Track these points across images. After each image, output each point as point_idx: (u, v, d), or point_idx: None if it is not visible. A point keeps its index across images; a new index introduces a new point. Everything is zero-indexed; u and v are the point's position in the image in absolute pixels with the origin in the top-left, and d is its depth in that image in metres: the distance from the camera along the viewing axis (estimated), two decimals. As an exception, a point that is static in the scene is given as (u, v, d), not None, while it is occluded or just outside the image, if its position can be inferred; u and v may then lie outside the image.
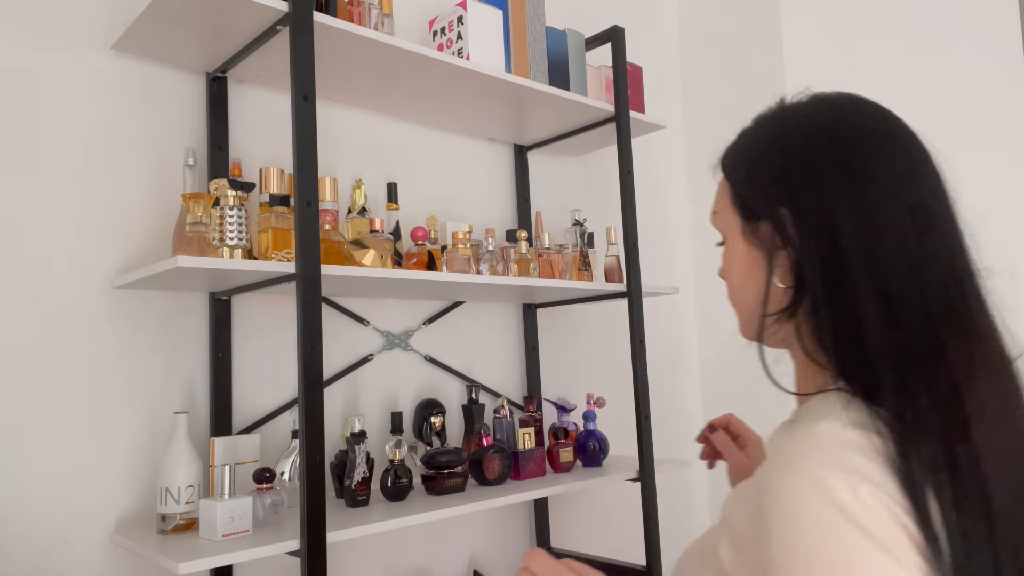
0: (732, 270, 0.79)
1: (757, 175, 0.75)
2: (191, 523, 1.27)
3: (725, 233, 0.81)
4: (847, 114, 0.72)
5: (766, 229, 0.72)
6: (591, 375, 2.21)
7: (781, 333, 0.74)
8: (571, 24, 2.13)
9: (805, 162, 0.70)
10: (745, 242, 0.76)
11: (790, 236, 0.69)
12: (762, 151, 0.76)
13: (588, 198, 2.29)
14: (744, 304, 0.79)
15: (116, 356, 1.38)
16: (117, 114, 1.42)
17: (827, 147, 0.69)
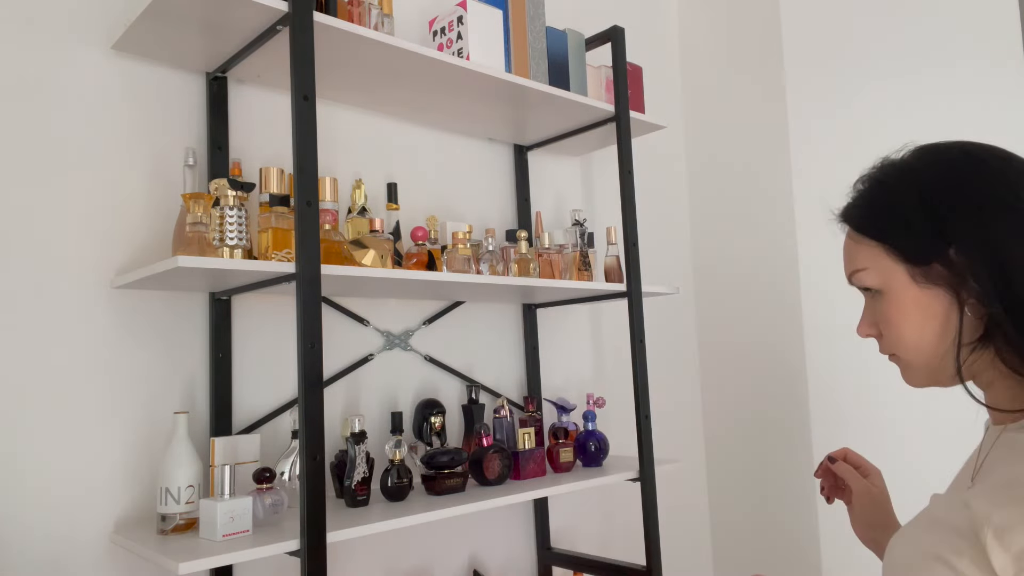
0: (904, 319, 0.81)
1: (913, 223, 0.80)
2: (191, 523, 1.27)
3: (884, 286, 0.82)
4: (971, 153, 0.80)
5: (939, 270, 0.78)
6: (591, 375, 2.21)
7: (977, 364, 0.79)
8: (571, 24, 2.13)
9: (955, 201, 0.78)
10: (918, 288, 0.80)
11: (966, 270, 0.76)
12: (906, 199, 0.81)
13: (588, 198, 2.29)
14: (924, 348, 0.80)
15: (116, 356, 1.38)
16: (117, 114, 1.42)
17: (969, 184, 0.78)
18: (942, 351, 0.79)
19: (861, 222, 0.85)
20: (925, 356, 0.80)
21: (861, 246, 0.84)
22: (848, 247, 0.86)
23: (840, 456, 1.09)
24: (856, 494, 1.03)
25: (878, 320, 0.83)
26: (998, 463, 0.76)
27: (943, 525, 0.69)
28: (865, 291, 0.85)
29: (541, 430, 1.82)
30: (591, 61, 1.95)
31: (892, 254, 0.81)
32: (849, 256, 0.86)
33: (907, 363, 0.82)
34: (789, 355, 2.27)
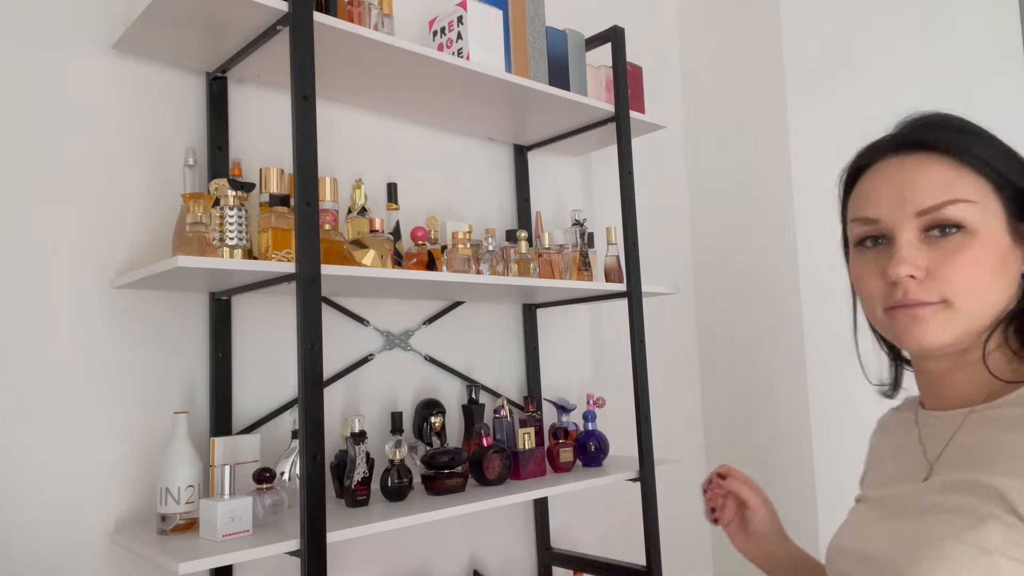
0: (984, 267, 0.74)
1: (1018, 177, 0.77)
2: (191, 523, 1.27)
3: (979, 226, 0.74)
4: None
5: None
6: (591, 375, 2.21)
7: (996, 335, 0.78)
8: (571, 24, 2.13)
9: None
10: (1009, 240, 0.76)
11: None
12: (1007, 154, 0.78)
13: (588, 198, 2.29)
14: (984, 304, 0.75)
15: (116, 356, 1.38)
16: (117, 114, 1.42)
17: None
18: (993, 312, 0.75)
19: (974, 149, 0.76)
20: (979, 312, 0.74)
21: (963, 176, 0.75)
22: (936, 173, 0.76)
23: (726, 472, 1.06)
24: (755, 506, 1.02)
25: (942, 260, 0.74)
26: (990, 441, 0.73)
27: (978, 519, 0.68)
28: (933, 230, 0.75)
29: (541, 430, 1.82)
30: (591, 61, 1.95)
31: (999, 196, 0.75)
32: (940, 184, 0.75)
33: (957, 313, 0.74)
34: (789, 355, 2.27)
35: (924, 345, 0.75)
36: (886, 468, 0.87)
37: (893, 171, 0.79)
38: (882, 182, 0.79)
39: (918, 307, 0.75)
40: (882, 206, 0.78)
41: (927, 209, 0.75)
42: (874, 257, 0.79)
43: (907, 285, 0.75)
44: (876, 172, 0.81)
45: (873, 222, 0.79)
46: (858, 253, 0.82)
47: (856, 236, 0.82)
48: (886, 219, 0.77)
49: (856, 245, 0.83)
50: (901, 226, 0.76)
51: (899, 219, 0.76)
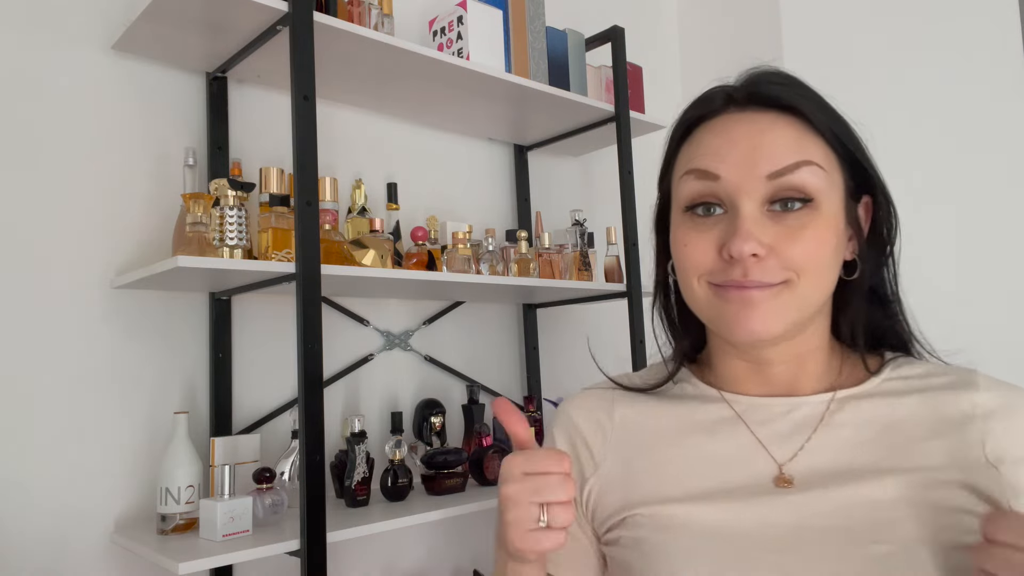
0: (822, 246, 0.67)
1: (859, 146, 0.72)
2: (191, 523, 1.27)
3: (821, 197, 0.67)
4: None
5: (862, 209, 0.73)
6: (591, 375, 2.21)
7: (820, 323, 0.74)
8: (571, 24, 2.13)
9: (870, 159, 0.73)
10: (844, 216, 0.69)
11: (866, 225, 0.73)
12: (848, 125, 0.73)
13: (588, 198, 2.29)
14: (820, 288, 0.68)
15: (116, 356, 1.38)
16: (117, 114, 1.42)
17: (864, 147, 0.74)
18: (822, 299, 0.69)
19: (824, 114, 0.70)
20: (815, 296, 0.68)
21: (814, 140, 0.68)
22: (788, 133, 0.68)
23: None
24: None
25: (786, 238, 0.66)
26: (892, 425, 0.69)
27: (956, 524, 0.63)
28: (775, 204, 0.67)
29: (541, 430, 1.82)
30: (591, 61, 1.95)
31: (842, 168, 0.70)
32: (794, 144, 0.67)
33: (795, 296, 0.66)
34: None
35: (757, 334, 0.66)
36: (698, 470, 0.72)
37: (741, 128, 0.69)
38: (726, 138, 0.69)
39: (754, 289, 0.66)
40: (726, 164, 0.68)
41: (779, 171, 0.66)
42: (707, 227, 0.69)
43: (748, 264, 0.66)
44: (719, 126, 0.71)
45: (713, 177, 0.68)
46: (687, 219, 0.71)
47: (688, 196, 0.71)
48: (730, 179, 0.67)
49: (685, 210, 0.72)
50: (746, 192, 0.66)
51: (745, 182, 0.67)
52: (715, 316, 0.70)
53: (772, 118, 0.69)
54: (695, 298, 0.71)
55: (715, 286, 0.69)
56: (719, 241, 0.68)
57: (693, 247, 0.70)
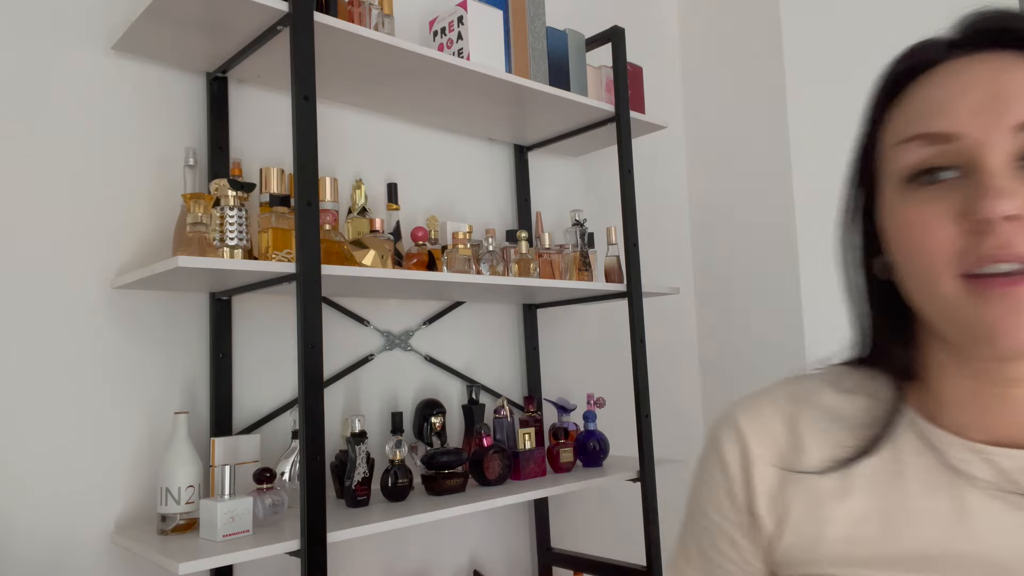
0: None
1: None
2: (191, 523, 1.27)
3: None
4: None
5: None
6: (591, 375, 2.21)
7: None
8: (571, 24, 2.13)
9: None
10: None
11: None
12: None
13: (588, 198, 2.29)
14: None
15: (116, 356, 1.38)
16: (117, 114, 1.42)
17: None
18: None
19: None
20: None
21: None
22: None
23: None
24: None
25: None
26: None
27: None
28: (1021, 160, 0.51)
29: (541, 430, 1.82)
30: (591, 61, 1.95)
31: None
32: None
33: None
34: (789, 355, 2.27)
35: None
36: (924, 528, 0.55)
37: (974, 72, 0.55)
38: (958, 86, 0.54)
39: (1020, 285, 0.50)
40: (962, 117, 0.53)
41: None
42: (938, 196, 0.53)
43: (1003, 231, 0.50)
44: (946, 74, 0.56)
45: (947, 140, 0.53)
46: (909, 193, 0.55)
47: (911, 165, 0.55)
48: (969, 134, 0.52)
49: (907, 181, 0.55)
50: (992, 144, 0.51)
51: (990, 134, 0.51)
52: (969, 322, 0.52)
53: (1011, 58, 0.54)
54: (938, 297, 0.53)
55: (970, 280, 0.51)
56: (958, 209, 0.52)
57: (923, 225, 0.53)
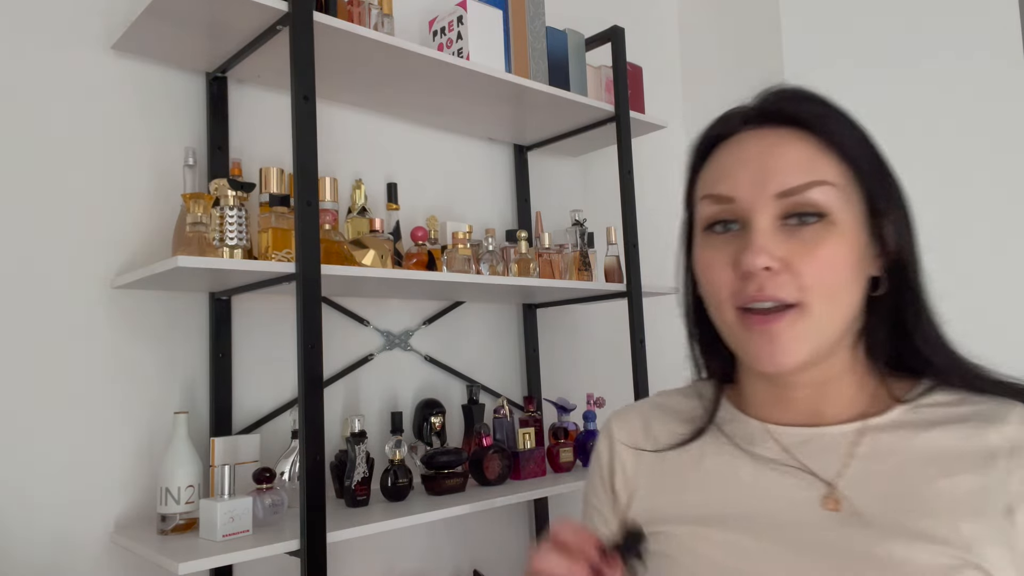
0: (837, 263, 0.65)
1: (881, 163, 0.70)
2: (191, 523, 1.27)
3: (837, 214, 0.66)
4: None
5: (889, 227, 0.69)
6: (591, 375, 2.21)
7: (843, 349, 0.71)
8: (571, 24, 2.13)
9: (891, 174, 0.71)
10: (866, 234, 0.68)
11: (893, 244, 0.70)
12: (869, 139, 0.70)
13: (588, 198, 2.29)
14: (838, 309, 0.66)
15: (116, 356, 1.38)
16: (117, 114, 1.42)
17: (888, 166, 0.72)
18: (844, 322, 0.67)
19: (840, 129, 0.68)
20: (833, 318, 0.66)
21: (827, 156, 0.67)
22: (800, 151, 0.67)
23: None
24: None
25: (800, 253, 0.65)
26: (911, 471, 0.65)
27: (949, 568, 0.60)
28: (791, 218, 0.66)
29: (541, 430, 1.82)
30: (591, 61, 1.95)
31: (861, 185, 0.68)
32: (805, 162, 0.66)
33: (812, 319, 0.65)
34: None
35: (780, 366, 0.66)
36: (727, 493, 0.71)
37: (752, 145, 0.69)
38: (740, 157, 0.69)
39: (774, 322, 0.65)
40: (739, 184, 0.68)
41: (789, 190, 0.66)
42: (724, 244, 0.69)
43: (762, 279, 0.65)
44: (734, 145, 0.71)
45: (727, 201, 0.69)
46: (706, 239, 0.72)
47: (706, 217, 0.71)
48: (743, 199, 0.67)
49: (705, 229, 0.72)
50: (758, 209, 0.66)
51: (757, 200, 0.67)
52: (742, 345, 0.69)
53: (783, 134, 0.69)
54: (723, 323, 0.71)
55: (740, 314, 0.68)
56: (735, 257, 0.68)
57: (711, 266, 0.70)
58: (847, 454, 0.68)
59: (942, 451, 0.65)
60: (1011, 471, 0.62)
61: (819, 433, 0.70)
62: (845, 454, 0.68)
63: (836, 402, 0.71)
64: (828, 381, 0.71)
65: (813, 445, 0.70)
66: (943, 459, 0.65)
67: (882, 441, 0.68)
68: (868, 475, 0.66)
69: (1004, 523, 0.61)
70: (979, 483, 0.63)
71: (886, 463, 0.66)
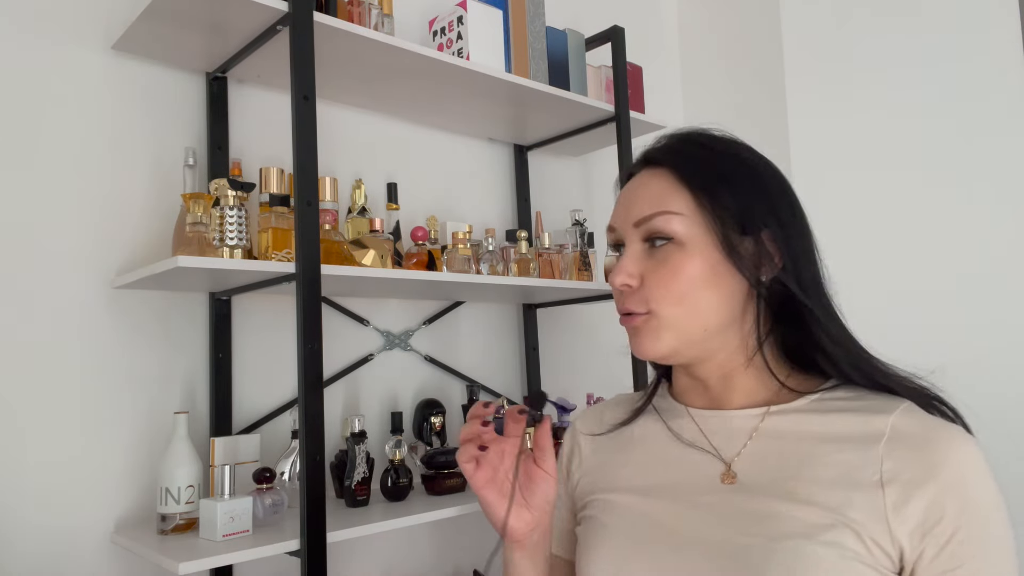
0: (681, 277, 0.77)
1: (740, 192, 0.80)
2: (191, 523, 1.27)
3: (683, 237, 0.78)
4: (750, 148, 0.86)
5: (748, 246, 0.79)
6: (591, 375, 2.21)
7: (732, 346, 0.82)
8: (571, 24, 2.13)
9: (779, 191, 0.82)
10: (720, 254, 0.78)
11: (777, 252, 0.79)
12: (734, 170, 0.81)
13: (588, 198, 2.29)
14: (692, 313, 0.78)
15: (116, 356, 1.38)
16: (117, 114, 1.42)
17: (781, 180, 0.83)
18: (710, 322, 0.78)
19: (692, 166, 0.80)
20: (688, 321, 0.78)
21: (677, 190, 0.79)
22: (655, 187, 0.81)
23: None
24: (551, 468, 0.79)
25: (651, 270, 0.78)
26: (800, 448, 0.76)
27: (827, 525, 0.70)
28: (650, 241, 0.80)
29: (541, 430, 1.82)
30: (591, 61, 1.95)
31: (710, 212, 0.78)
32: (658, 196, 0.80)
33: (663, 322, 0.77)
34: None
35: (643, 355, 0.80)
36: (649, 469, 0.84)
37: (631, 185, 0.86)
38: (622, 194, 0.87)
39: (635, 318, 0.80)
40: (617, 216, 0.86)
41: (641, 220, 0.81)
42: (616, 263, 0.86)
43: (624, 295, 0.81)
44: (627, 184, 0.88)
45: (612, 230, 0.87)
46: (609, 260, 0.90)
47: (609, 241, 0.89)
48: (618, 228, 0.85)
49: (611, 250, 0.90)
50: (627, 235, 0.83)
51: (625, 228, 0.83)
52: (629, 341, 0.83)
53: (649, 175, 0.83)
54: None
55: (622, 318, 0.83)
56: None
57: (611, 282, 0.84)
58: (747, 436, 0.80)
59: (833, 434, 0.76)
60: (887, 453, 0.72)
61: (728, 416, 0.82)
62: (746, 436, 0.80)
63: (740, 390, 0.83)
64: (730, 373, 0.82)
65: (722, 428, 0.82)
66: (833, 440, 0.75)
67: (780, 423, 0.79)
68: (762, 452, 0.78)
69: (876, 493, 0.71)
70: (859, 459, 0.73)
71: (779, 441, 0.78)
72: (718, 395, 0.84)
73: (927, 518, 0.69)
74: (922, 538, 0.69)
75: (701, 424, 0.84)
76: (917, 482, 0.70)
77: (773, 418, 0.79)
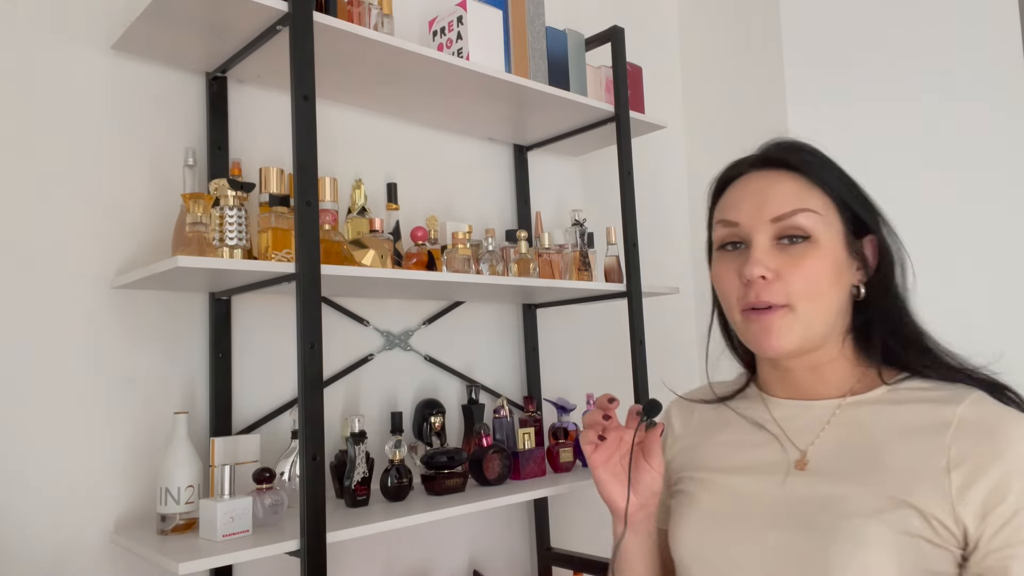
0: (819, 273, 0.84)
1: (859, 196, 0.89)
2: (191, 523, 1.27)
3: (819, 235, 0.85)
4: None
5: (860, 248, 0.89)
6: (591, 375, 2.21)
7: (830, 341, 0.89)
8: (571, 24, 2.13)
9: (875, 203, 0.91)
10: (845, 253, 0.87)
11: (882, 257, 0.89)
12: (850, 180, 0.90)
13: (588, 198, 2.29)
14: (821, 308, 0.85)
15: (116, 356, 1.38)
16: (117, 114, 1.42)
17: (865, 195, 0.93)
18: (829, 317, 0.86)
19: (823, 171, 0.88)
20: (818, 315, 0.85)
21: (811, 191, 0.87)
22: (789, 186, 0.87)
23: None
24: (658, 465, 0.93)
25: (789, 265, 0.84)
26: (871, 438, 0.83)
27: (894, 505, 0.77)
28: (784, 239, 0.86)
29: (541, 430, 1.82)
30: (591, 61, 1.95)
31: (840, 213, 0.87)
32: (794, 195, 0.86)
33: (801, 318, 0.84)
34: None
35: (776, 350, 0.85)
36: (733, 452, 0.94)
37: (754, 183, 0.90)
38: (745, 192, 0.90)
39: (771, 312, 0.85)
40: (743, 212, 0.89)
41: (780, 216, 0.86)
42: (732, 259, 0.90)
43: (758, 286, 0.85)
44: (741, 183, 0.92)
45: (734, 225, 0.89)
46: (719, 256, 0.93)
47: (719, 239, 0.93)
48: (745, 223, 0.88)
49: (718, 248, 0.93)
50: (757, 231, 0.87)
51: (756, 224, 0.87)
52: (747, 336, 0.89)
53: (778, 174, 0.89)
54: (733, 321, 0.91)
55: (745, 311, 0.87)
56: (739, 269, 0.88)
57: (723, 277, 0.91)
58: (824, 424, 0.88)
59: (906, 423, 0.82)
60: (954, 441, 0.78)
61: (808, 405, 0.90)
62: (823, 424, 0.88)
63: (827, 382, 0.90)
64: (820, 365, 0.89)
65: (801, 416, 0.90)
66: (905, 429, 0.82)
67: (855, 413, 0.87)
68: (836, 440, 0.86)
69: (943, 478, 0.77)
70: (927, 447, 0.79)
71: (853, 429, 0.85)
72: (803, 385, 0.91)
73: (990, 499, 0.74)
74: (984, 518, 0.74)
75: (782, 412, 0.92)
76: (982, 467, 0.75)
77: (849, 407, 0.87)
